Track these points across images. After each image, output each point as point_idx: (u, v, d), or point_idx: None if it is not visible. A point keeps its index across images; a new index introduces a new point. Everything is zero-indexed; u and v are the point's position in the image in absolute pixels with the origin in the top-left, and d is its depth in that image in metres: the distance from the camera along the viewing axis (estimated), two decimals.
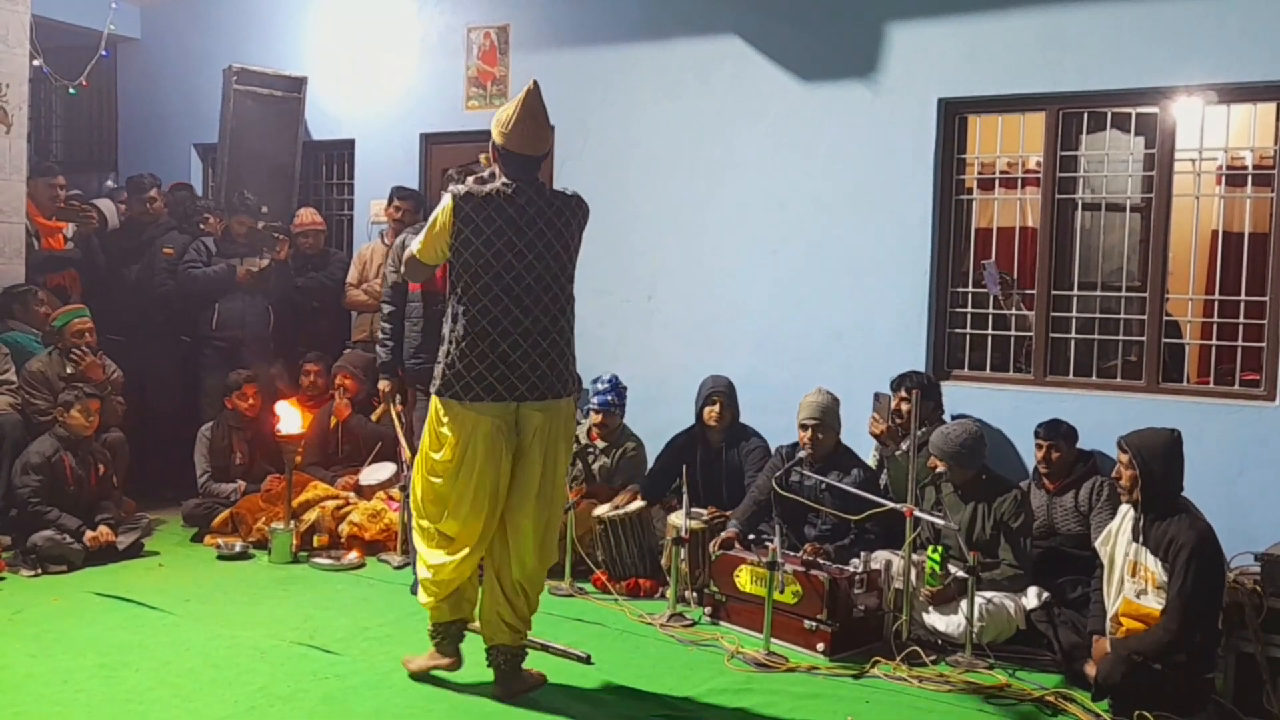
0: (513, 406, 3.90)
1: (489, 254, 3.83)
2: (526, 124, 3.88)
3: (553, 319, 3.93)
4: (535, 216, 3.88)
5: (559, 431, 4.01)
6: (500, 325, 3.84)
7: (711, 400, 5.75)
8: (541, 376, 3.90)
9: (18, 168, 6.61)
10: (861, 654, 4.52)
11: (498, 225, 3.84)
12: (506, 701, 3.98)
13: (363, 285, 7.22)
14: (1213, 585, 3.94)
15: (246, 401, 6.47)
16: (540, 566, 4.06)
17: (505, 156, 3.92)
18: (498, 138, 3.92)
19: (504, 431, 3.91)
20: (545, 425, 3.96)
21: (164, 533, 6.32)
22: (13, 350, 6.17)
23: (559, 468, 4.06)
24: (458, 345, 3.86)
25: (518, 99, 3.91)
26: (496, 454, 3.90)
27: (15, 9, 6.58)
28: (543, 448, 3.96)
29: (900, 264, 5.94)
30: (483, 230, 3.83)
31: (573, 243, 4.00)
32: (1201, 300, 5.56)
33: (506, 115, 3.91)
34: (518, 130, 3.87)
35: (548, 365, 3.91)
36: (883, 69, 5.98)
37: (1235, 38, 5.14)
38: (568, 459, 4.17)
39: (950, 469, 4.86)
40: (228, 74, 7.58)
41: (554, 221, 3.92)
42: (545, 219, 3.90)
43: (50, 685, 4.03)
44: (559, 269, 3.94)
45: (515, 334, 3.85)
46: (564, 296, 3.98)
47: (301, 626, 4.76)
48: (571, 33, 6.96)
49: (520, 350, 3.86)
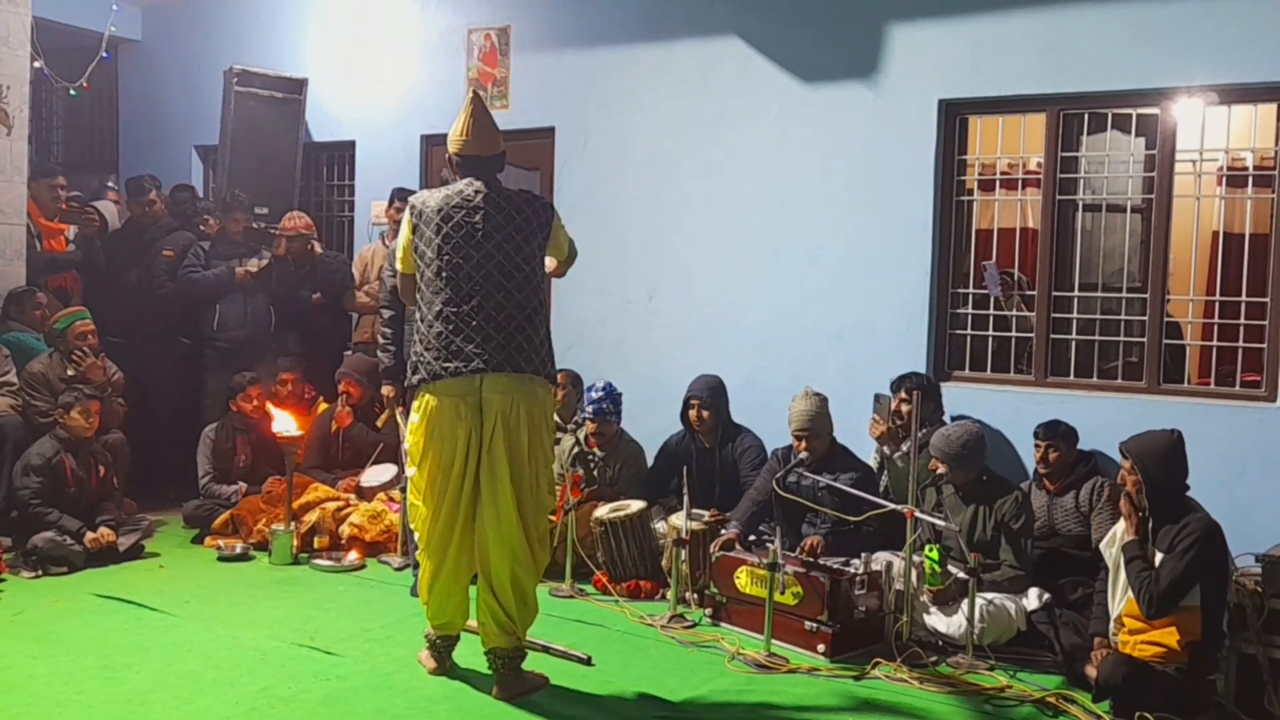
0: (475, 383, 3.92)
1: (447, 246, 3.98)
2: (473, 128, 4.10)
3: (510, 297, 3.97)
4: (492, 211, 4.01)
5: (521, 414, 3.95)
6: (455, 306, 3.95)
7: (690, 404, 5.78)
8: (498, 347, 3.91)
9: (19, 169, 6.62)
10: (862, 655, 4.52)
11: (455, 221, 3.99)
12: (506, 701, 3.99)
13: (364, 287, 7.22)
14: (1215, 581, 3.93)
15: (251, 403, 6.47)
16: (522, 565, 4.02)
17: (461, 162, 4.14)
18: (452, 147, 4.16)
19: (463, 413, 3.93)
20: (506, 405, 3.93)
21: (165, 534, 6.32)
22: (14, 351, 6.18)
23: (532, 456, 3.99)
24: (423, 339, 4.02)
25: (464, 110, 4.14)
26: (455, 433, 3.93)
27: (16, 10, 6.59)
28: (506, 433, 3.93)
29: (901, 265, 5.94)
30: (441, 227, 3.99)
31: (536, 238, 4.09)
32: (1202, 301, 5.56)
33: (457, 126, 4.14)
34: (467, 135, 4.09)
35: (504, 338, 3.93)
36: (883, 70, 5.98)
37: (1236, 38, 5.14)
38: (542, 449, 4.07)
39: (951, 471, 4.86)
40: (228, 75, 7.58)
41: (513, 215, 4.04)
42: (504, 213, 4.02)
43: (51, 686, 4.04)
44: (521, 258, 4.02)
45: (468, 309, 3.93)
46: (526, 281, 4.02)
47: (302, 628, 4.76)
48: (572, 34, 6.97)
49: (473, 324, 3.92)
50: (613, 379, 6.19)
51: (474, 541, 4.03)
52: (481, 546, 4.00)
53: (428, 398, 3.98)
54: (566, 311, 6.91)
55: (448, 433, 3.93)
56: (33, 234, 6.84)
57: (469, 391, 3.93)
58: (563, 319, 6.90)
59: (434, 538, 4.04)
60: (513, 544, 3.98)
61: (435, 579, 4.08)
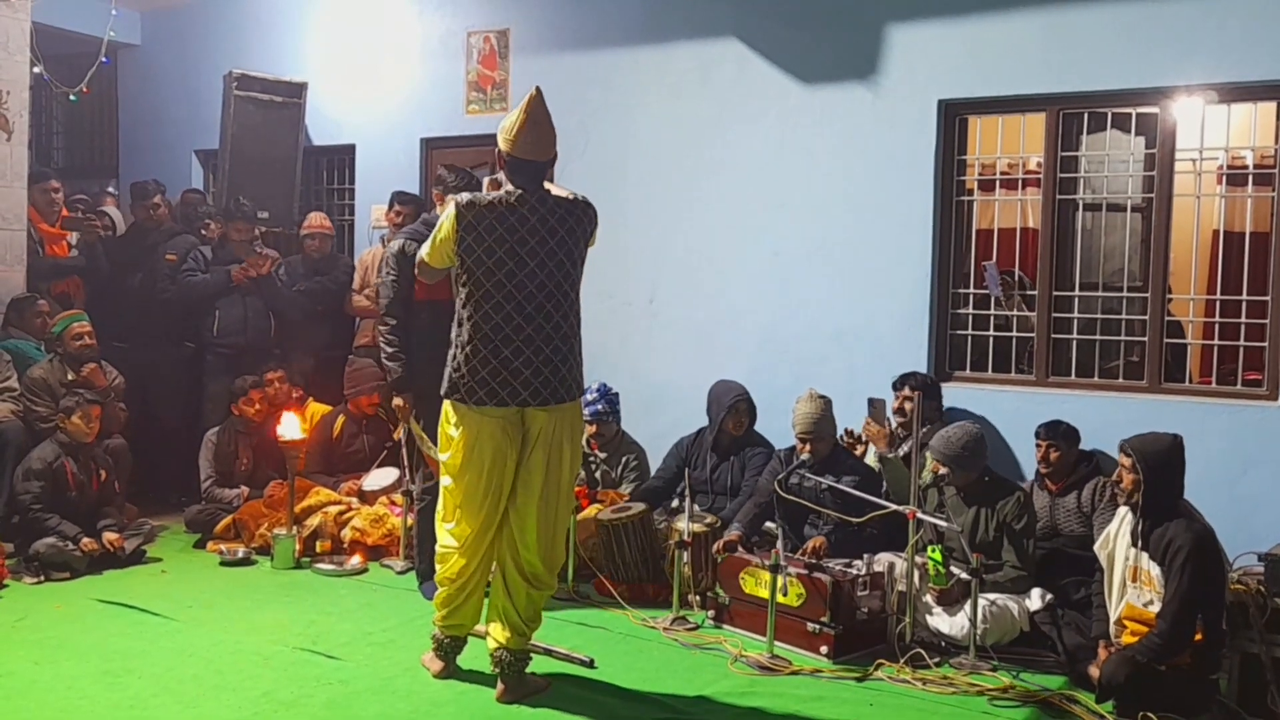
0: (517, 410, 3.93)
1: (490, 261, 3.86)
2: (531, 130, 3.90)
3: (555, 325, 3.94)
4: (538, 224, 3.90)
5: (564, 433, 4.03)
6: (503, 331, 3.87)
7: (737, 409, 5.69)
8: (545, 382, 3.91)
9: (19, 175, 6.62)
10: (865, 656, 4.51)
11: (499, 233, 3.86)
12: (509, 704, 3.99)
13: (364, 290, 7.22)
14: (1213, 586, 3.93)
15: (253, 407, 6.47)
16: (546, 568, 4.09)
17: (511, 164, 3.95)
18: (503, 145, 3.95)
19: (509, 433, 3.95)
20: (549, 426, 3.98)
21: (166, 539, 6.32)
22: (15, 358, 6.18)
23: (564, 469, 4.06)
24: (463, 350, 3.91)
25: (521, 106, 3.93)
26: (501, 455, 3.95)
27: (16, 16, 6.60)
28: (546, 449, 3.99)
29: (901, 265, 5.94)
30: (484, 238, 3.87)
31: (578, 249, 4.01)
32: (1203, 300, 5.56)
33: (511, 122, 3.93)
34: (523, 137, 3.90)
35: (550, 371, 3.93)
36: (883, 70, 5.98)
37: (1235, 37, 5.14)
38: (575, 460, 4.15)
39: (952, 472, 4.85)
40: (228, 80, 7.58)
41: (557, 229, 3.93)
42: (548, 226, 3.92)
43: (54, 692, 4.04)
44: (563, 275, 3.95)
45: (518, 340, 3.88)
46: (568, 302, 3.99)
47: (304, 632, 4.76)
48: (572, 36, 6.97)
49: (523, 356, 3.88)
50: (613, 381, 6.19)
51: (498, 548, 4.07)
52: (506, 552, 4.05)
53: (467, 411, 3.94)
54: None
55: (488, 449, 3.93)
56: (34, 239, 6.84)
57: (511, 413, 3.94)
58: None
59: (469, 543, 4.04)
60: (539, 550, 4.03)
61: (461, 579, 4.09)
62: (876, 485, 5.25)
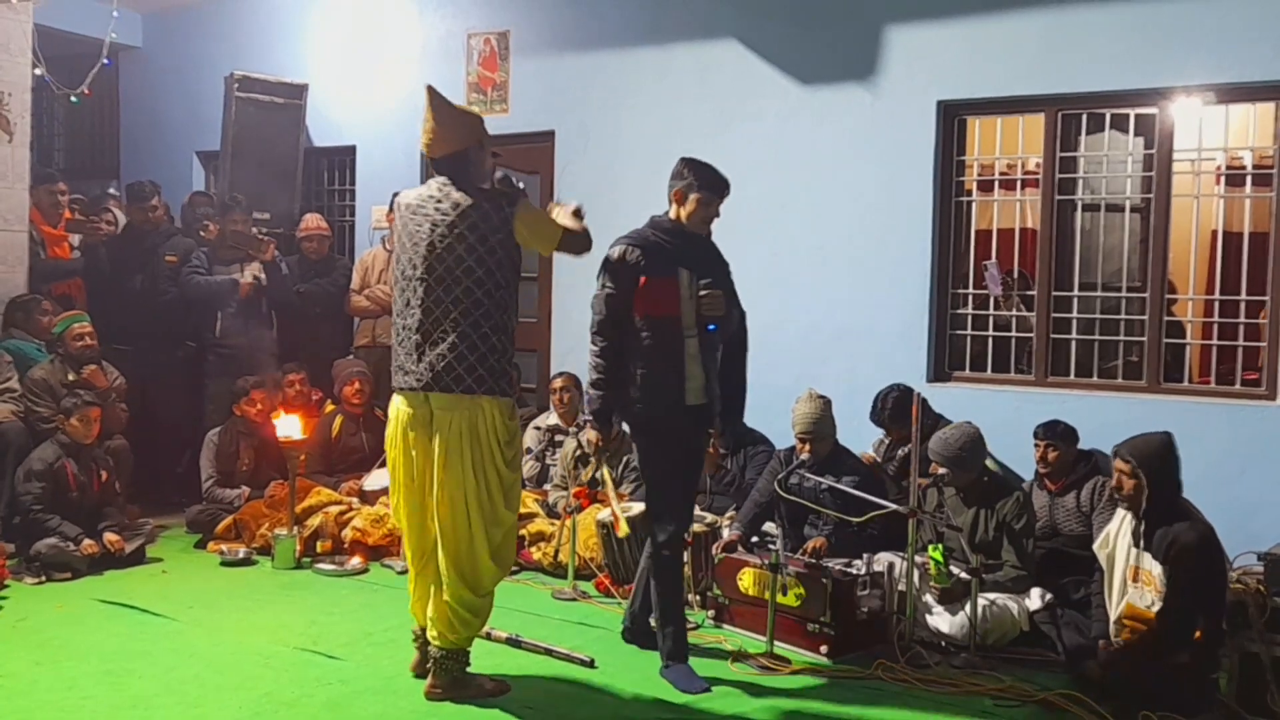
0: (422, 397, 3.93)
1: (399, 252, 4.05)
2: (426, 128, 4.05)
3: (463, 311, 3.89)
4: (442, 216, 3.95)
5: (464, 432, 3.88)
6: (405, 316, 3.99)
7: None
8: (447, 368, 3.88)
9: (20, 176, 6.64)
10: (865, 656, 4.51)
11: (411, 226, 4.01)
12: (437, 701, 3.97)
13: (365, 291, 7.23)
14: (1214, 586, 3.94)
15: (255, 407, 6.48)
16: (465, 577, 3.95)
17: (433, 164, 4.13)
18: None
19: (419, 425, 3.95)
20: (448, 425, 3.88)
21: (167, 539, 6.32)
22: (16, 359, 6.19)
23: (481, 473, 3.91)
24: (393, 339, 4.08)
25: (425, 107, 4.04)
26: (408, 442, 3.97)
27: (17, 18, 6.61)
28: (448, 451, 3.88)
29: (901, 266, 5.94)
30: (399, 231, 4.07)
31: (489, 240, 3.91)
32: (1202, 300, 5.57)
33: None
34: (429, 136, 4.05)
35: (454, 356, 3.88)
36: (882, 71, 5.99)
37: (1234, 38, 5.15)
38: (494, 465, 3.95)
39: (951, 473, 4.86)
40: (229, 81, 7.60)
41: (465, 218, 3.91)
42: (457, 214, 3.92)
43: (55, 692, 4.04)
44: (473, 264, 3.89)
45: (414, 323, 3.94)
46: (479, 292, 3.90)
47: (305, 632, 4.77)
48: (572, 37, 6.98)
49: (416, 338, 3.94)
50: None
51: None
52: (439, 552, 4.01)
53: (392, 401, 4.07)
54: (566, 314, 6.91)
55: (399, 432, 4.00)
56: (36, 241, 6.85)
57: (419, 404, 3.96)
58: (563, 321, 6.90)
59: (402, 523, 4.15)
60: (457, 555, 3.94)
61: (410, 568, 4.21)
62: (876, 485, 5.26)
